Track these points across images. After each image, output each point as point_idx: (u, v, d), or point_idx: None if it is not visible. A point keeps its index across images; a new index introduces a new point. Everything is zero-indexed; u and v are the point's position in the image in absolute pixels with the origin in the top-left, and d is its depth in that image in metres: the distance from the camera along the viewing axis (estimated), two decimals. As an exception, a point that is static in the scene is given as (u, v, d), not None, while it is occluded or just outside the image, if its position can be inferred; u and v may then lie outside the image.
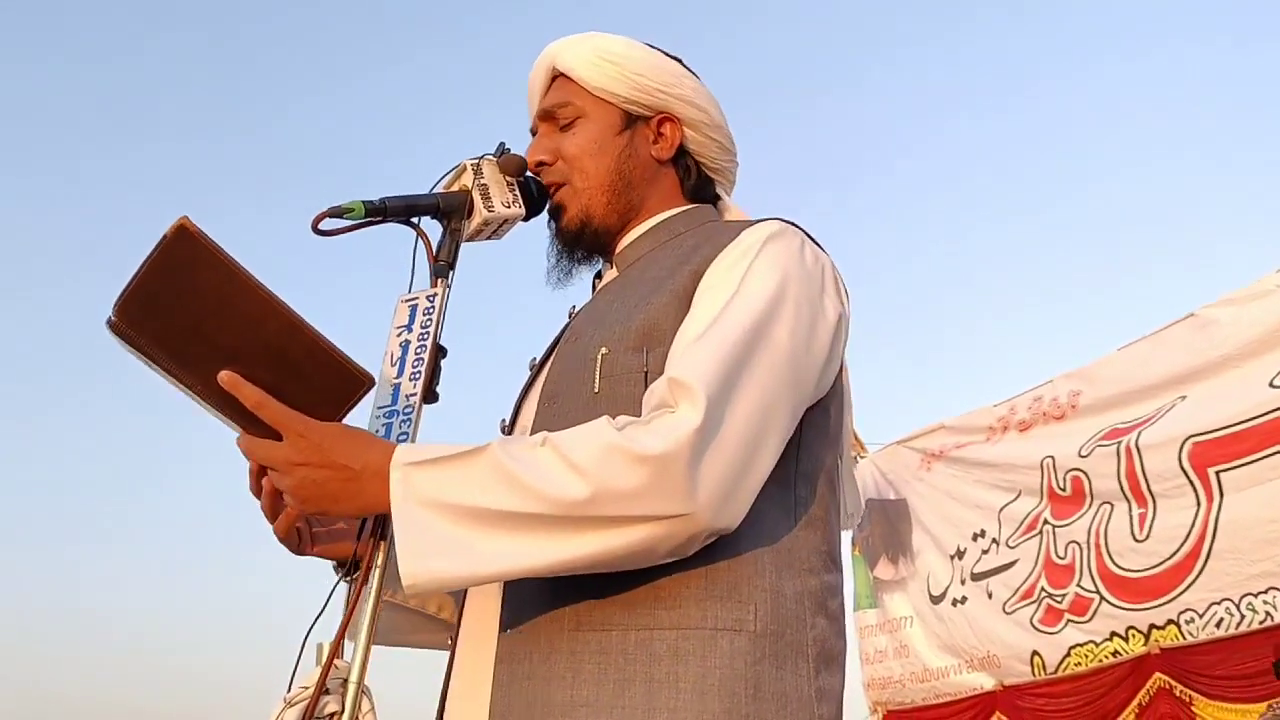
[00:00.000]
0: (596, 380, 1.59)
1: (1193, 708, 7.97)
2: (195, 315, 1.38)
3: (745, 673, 1.42)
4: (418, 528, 1.36)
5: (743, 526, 1.45)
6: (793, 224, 1.69)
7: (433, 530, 1.36)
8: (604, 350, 1.61)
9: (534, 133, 1.90)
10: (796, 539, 1.54)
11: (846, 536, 1.75)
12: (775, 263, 1.56)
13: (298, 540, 1.66)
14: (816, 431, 1.59)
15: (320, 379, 1.44)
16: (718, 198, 1.92)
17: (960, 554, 10.42)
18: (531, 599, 1.50)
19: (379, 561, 1.49)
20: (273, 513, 1.58)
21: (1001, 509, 10.07)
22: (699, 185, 1.87)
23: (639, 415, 1.49)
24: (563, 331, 1.84)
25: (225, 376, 1.39)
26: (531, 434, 1.66)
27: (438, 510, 1.37)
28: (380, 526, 1.49)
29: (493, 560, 1.35)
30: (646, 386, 1.54)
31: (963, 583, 10.32)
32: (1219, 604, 7.99)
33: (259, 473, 1.49)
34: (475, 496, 1.36)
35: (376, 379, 1.57)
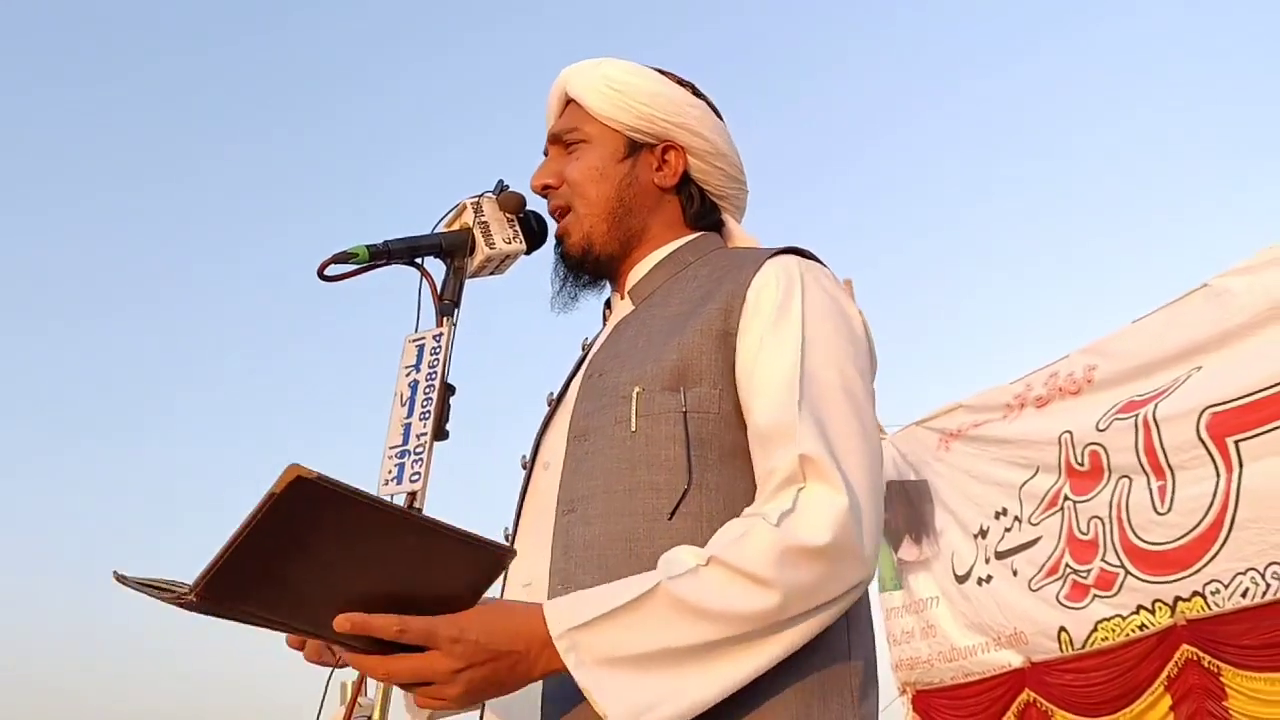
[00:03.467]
0: (634, 419, 1.57)
1: (1221, 678, 7.95)
2: (315, 566, 1.23)
3: (795, 707, 1.42)
4: (613, 689, 1.32)
5: None
6: (806, 253, 1.71)
7: (629, 686, 1.32)
8: (638, 389, 1.59)
9: (545, 153, 1.90)
10: None
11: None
12: (822, 303, 1.59)
13: (335, 657, 1.62)
14: None
15: (459, 570, 1.33)
16: (722, 223, 1.91)
17: (983, 533, 10.40)
18: (575, 694, 1.40)
19: None
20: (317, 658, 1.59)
21: (1022, 486, 10.04)
22: (703, 212, 1.86)
23: (678, 454, 1.53)
24: (579, 365, 1.83)
25: (345, 623, 1.24)
26: (564, 474, 1.66)
27: (625, 665, 1.32)
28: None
29: (702, 690, 1.33)
30: (685, 427, 1.55)
31: (987, 561, 10.30)
32: (1244, 574, 7.96)
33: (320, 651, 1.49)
34: (664, 639, 1.33)
35: (387, 439, 1.57)
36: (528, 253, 1.81)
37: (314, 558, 1.21)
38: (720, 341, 1.59)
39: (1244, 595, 7.95)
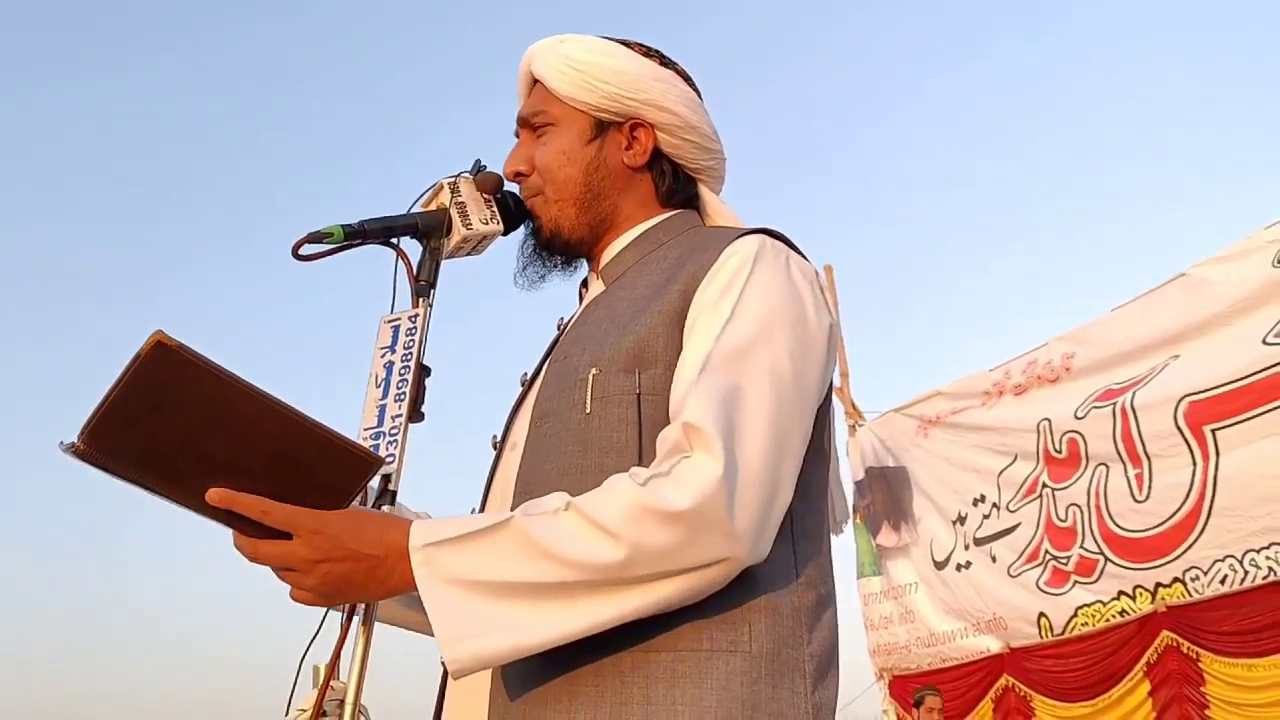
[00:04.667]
0: (588, 401, 1.54)
1: (1199, 664, 7.99)
2: (181, 432, 1.29)
3: (742, 694, 1.40)
4: (452, 608, 1.33)
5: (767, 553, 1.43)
6: (775, 234, 1.67)
7: (468, 609, 1.33)
8: (595, 371, 1.56)
9: (517, 135, 1.87)
10: (793, 554, 1.51)
11: (836, 539, 1.73)
12: (767, 285, 1.52)
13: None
14: (810, 445, 1.56)
15: (326, 469, 1.37)
16: (698, 197, 1.88)
17: (962, 519, 10.44)
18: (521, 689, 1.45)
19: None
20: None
21: (1000, 473, 10.10)
22: (676, 188, 1.83)
23: (630, 436, 1.50)
24: (553, 346, 1.81)
25: (215, 495, 1.31)
26: (524, 456, 1.65)
27: (470, 589, 1.34)
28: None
29: (537, 631, 1.33)
30: (639, 408, 1.53)
31: (966, 548, 10.34)
32: (1223, 561, 8.01)
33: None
34: (507, 571, 1.34)
35: (360, 424, 1.55)
36: (505, 233, 1.78)
37: (183, 427, 1.28)
38: (675, 323, 1.54)
39: (1223, 582, 7.99)
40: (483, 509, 1.74)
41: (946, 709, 10.21)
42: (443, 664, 1.44)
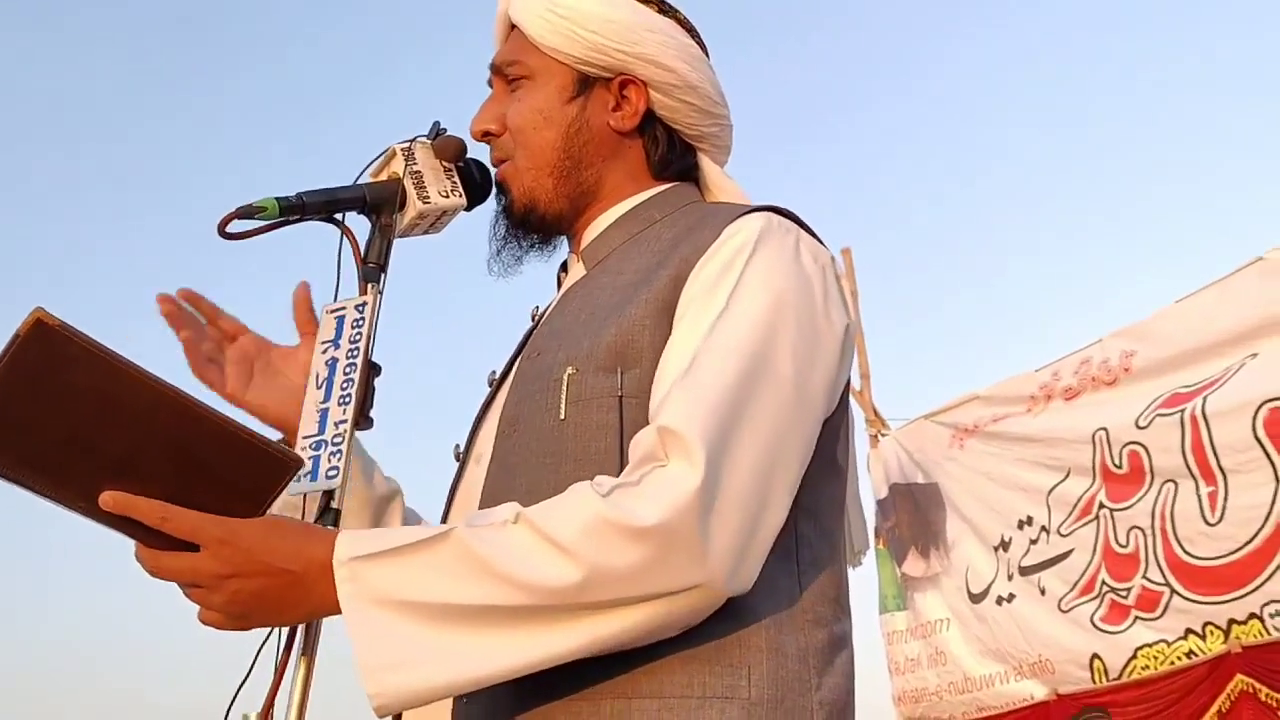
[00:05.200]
0: (562, 406, 1.54)
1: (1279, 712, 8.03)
2: (67, 424, 1.30)
3: None
4: (379, 633, 1.32)
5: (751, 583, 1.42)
6: (785, 212, 1.66)
7: (398, 634, 1.32)
8: (570, 370, 1.56)
9: (491, 86, 1.86)
10: (799, 585, 1.51)
11: (854, 570, 1.73)
12: (770, 271, 1.51)
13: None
14: (822, 461, 1.55)
15: (235, 470, 1.37)
16: (697, 167, 1.87)
17: (1005, 545, 10.45)
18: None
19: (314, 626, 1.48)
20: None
21: (1050, 491, 10.09)
22: (671, 158, 1.82)
23: (612, 447, 1.49)
24: (525, 340, 1.81)
25: (108, 499, 1.32)
26: (489, 470, 1.65)
27: (399, 610, 1.33)
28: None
29: (476, 664, 1.32)
30: (620, 414, 1.53)
31: (1009, 578, 10.35)
32: (1308, 594, 8.04)
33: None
34: (445, 591, 1.32)
35: (301, 431, 1.56)
36: (468, 208, 1.78)
37: (69, 418, 1.29)
38: (664, 314, 1.56)
39: (1306, 621, 8.02)
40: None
41: (984, 766, 10.25)
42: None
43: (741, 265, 1.56)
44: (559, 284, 1.88)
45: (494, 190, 1.83)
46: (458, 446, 1.84)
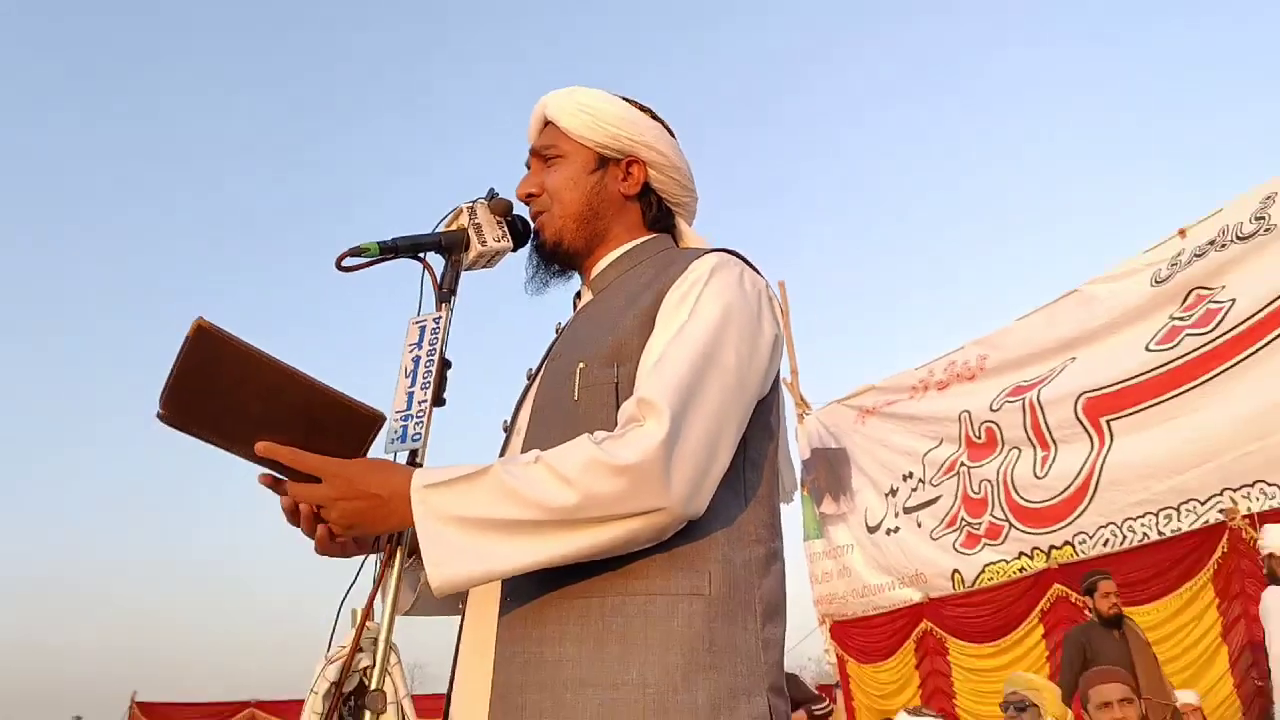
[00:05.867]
0: (576, 390, 1.55)
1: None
2: (227, 397, 1.38)
3: (703, 630, 1.41)
4: (439, 539, 1.37)
5: (704, 508, 1.44)
6: (734, 253, 1.68)
7: (451, 540, 1.37)
8: (581, 365, 1.57)
9: (528, 165, 1.87)
10: (744, 515, 1.52)
11: (786, 506, 1.72)
12: (720, 293, 1.53)
13: (341, 548, 1.63)
14: (760, 427, 1.56)
15: (340, 425, 1.45)
16: (674, 226, 1.89)
17: (893, 492, 10.46)
18: (527, 576, 1.49)
19: (404, 538, 1.48)
20: (312, 533, 1.57)
21: (925, 454, 10.14)
22: (659, 217, 1.84)
23: (611, 419, 1.50)
24: (552, 346, 1.82)
25: (260, 448, 1.40)
26: (525, 438, 1.65)
27: (454, 524, 1.37)
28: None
29: (504, 560, 1.36)
30: (616, 396, 1.53)
31: (895, 515, 10.36)
32: (1105, 527, 8.07)
33: (292, 509, 1.49)
34: (484, 509, 1.36)
35: (392, 404, 1.55)
36: (514, 250, 1.78)
37: (230, 394, 1.37)
38: (646, 325, 1.57)
39: (1105, 545, 8.05)
40: None
41: (874, 650, 10.25)
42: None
43: (700, 288, 1.57)
44: (574, 306, 1.88)
45: (532, 236, 1.83)
46: (505, 421, 1.84)
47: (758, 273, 1.69)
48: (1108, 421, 8.18)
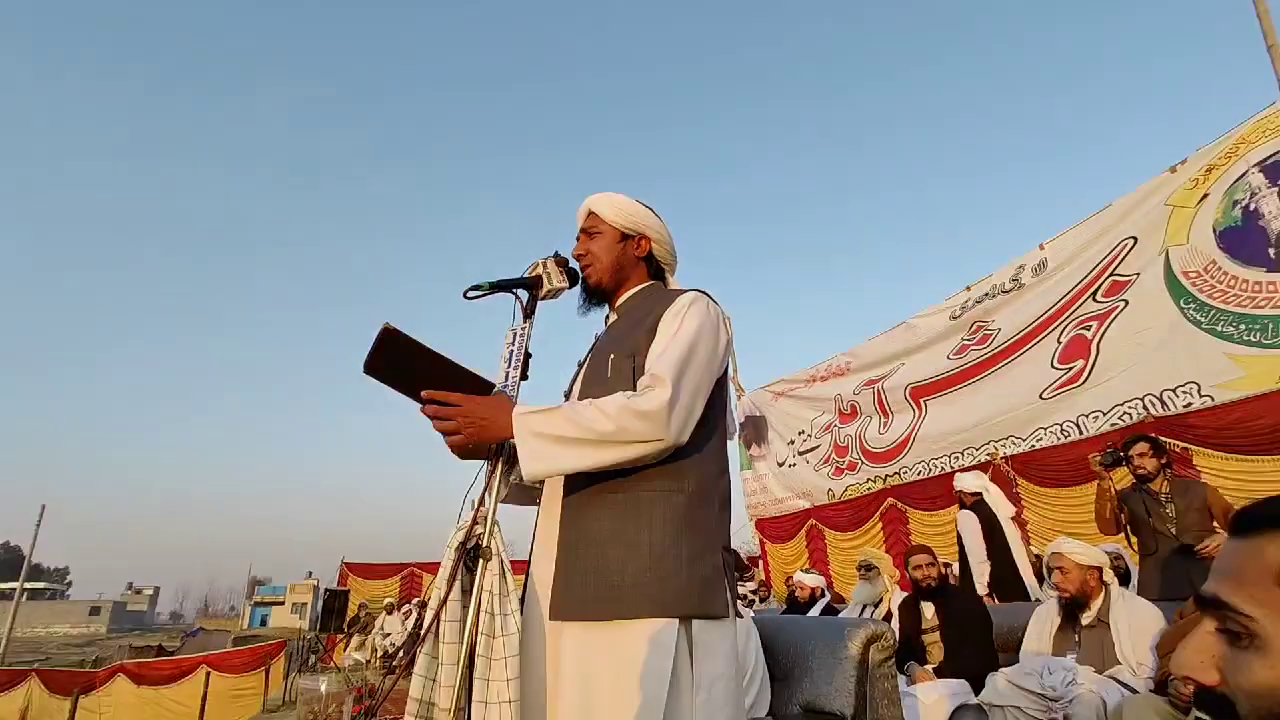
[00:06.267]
0: (610, 371, 1.58)
1: (907, 515, 8.01)
2: (405, 367, 1.42)
3: (684, 512, 1.42)
4: (528, 445, 1.38)
5: (686, 441, 1.47)
6: (704, 292, 1.70)
7: (536, 447, 1.38)
8: (613, 357, 1.59)
9: (578, 238, 1.88)
10: (709, 444, 1.52)
11: (731, 442, 1.73)
12: (697, 314, 1.57)
13: (473, 454, 1.63)
14: (716, 394, 1.57)
15: (472, 387, 1.47)
16: (665, 277, 1.91)
17: (793, 442, 10.43)
18: (579, 480, 1.50)
19: (499, 468, 1.48)
20: (455, 444, 1.58)
21: (813, 420, 10.07)
22: (657, 272, 1.87)
23: (627, 385, 1.51)
24: (592, 348, 1.82)
25: (426, 394, 1.43)
26: (577, 397, 1.67)
27: (537, 437, 1.38)
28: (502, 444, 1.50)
29: (566, 461, 1.38)
30: (633, 374, 1.54)
31: (794, 456, 10.31)
32: (921, 463, 8.04)
33: (443, 428, 1.52)
34: (556, 429, 1.38)
35: (497, 378, 1.56)
36: (569, 288, 1.79)
37: (408, 366, 1.40)
38: (650, 335, 1.59)
39: (918, 474, 8.03)
40: None
41: (781, 536, 10.23)
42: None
43: (684, 311, 1.59)
44: (605, 323, 1.88)
45: (581, 283, 1.82)
46: (564, 391, 1.84)
47: (717, 304, 1.71)
48: (924, 400, 8.16)
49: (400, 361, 1.41)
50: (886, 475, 8.49)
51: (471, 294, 1.66)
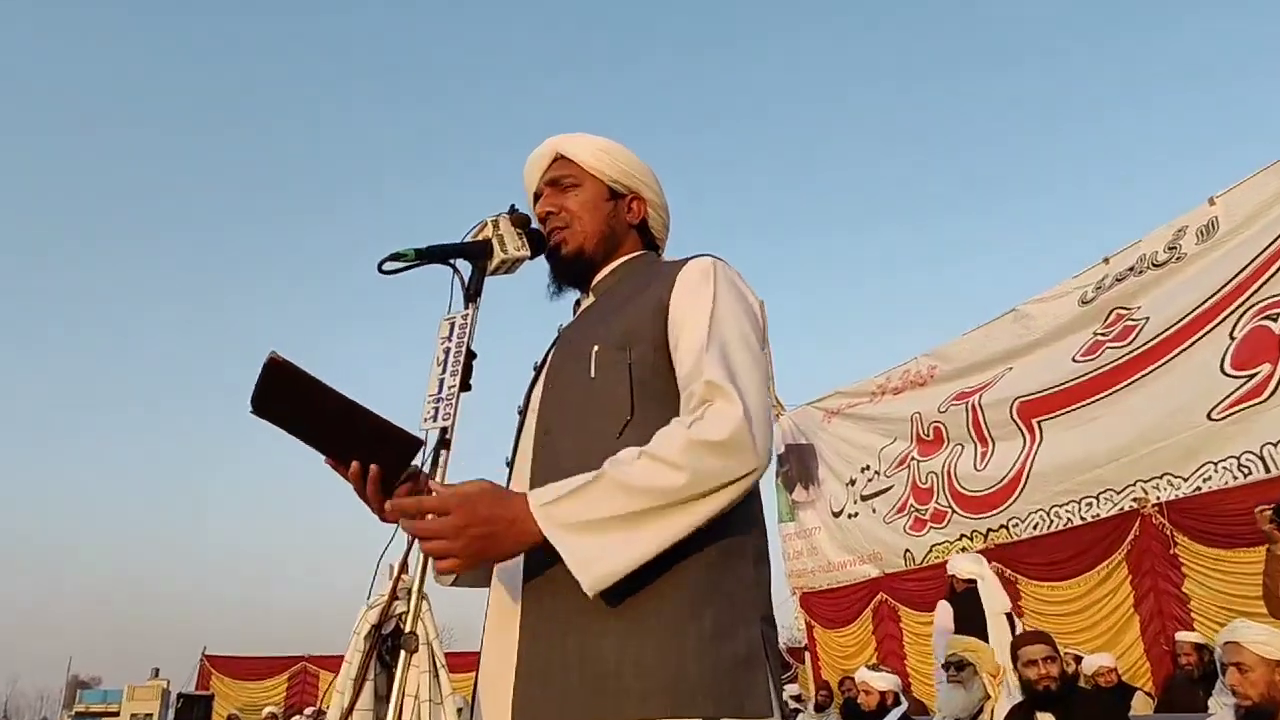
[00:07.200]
0: (593, 369, 1.58)
1: (1018, 586, 8.02)
2: (302, 409, 1.46)
3: (706, 573, 1.39)
4: (577, 547, 1.35)
5: None
6: (717, 256, 1.72)
7: (588, 544, 1.34)
8: (597, 348, 1.59)
9: (538, 195, 1.88)
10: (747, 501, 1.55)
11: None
12: (728, 288, 1.60)
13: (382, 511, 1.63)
14: None
15: (387, 444, 1.49)
16: (657, 252, 1.93)
17: (853, 482, 10.44)
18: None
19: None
20: (378, 502, 1.58)
21: (881, 450, 10.12)
22: (649, 243, 1.89)
23: (626, 394, 1.55)
24: (554, 343, 1.83)
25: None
26: (539, 416, 1.66)
27: (583, 529, 1.35)
28: (432, 473, 1.48)
29: (640, 549, 1.34)
30: (630, 374, 1.55)
31: (855, 502, 10.35)
32: (1035, 513, 8.08)
33: (359, 484, 1.53)
34: (607, 509, 1.35)
35: (428, 388, 1.56)
36: (531, 258, 1.79)
37: (303, 406, 1.46)
38: (656, 314, 1.59)
39: (1034, 528, 8.07)
40: (513, 454, 1.74)
41: (837, 617, 10.24)
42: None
43: (711, 280, 1.61)
44: (574, 311, 1.89)
45: (548, 251, 1.83)
46: (518, 406, 1.84)
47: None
48: (1038, 422, 8.19)
49: (294, 399, 1.44)
50: (988, 530, 8.51)
51: (389, 266, 1.66)
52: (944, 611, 5.75)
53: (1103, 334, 7.88)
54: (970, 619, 5.55)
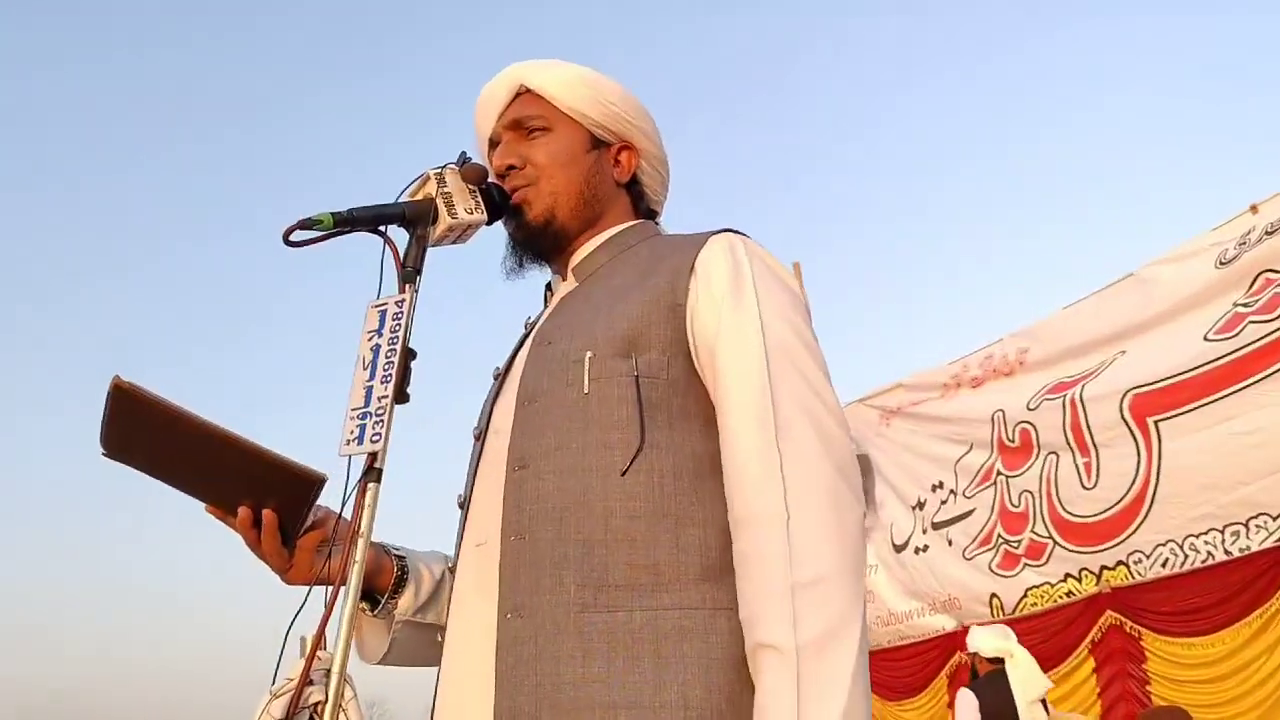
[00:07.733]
0: (585, 382, 1.58)
1: (1142, 642, 8.05)
2: (158, 443, 1.54)
3: (743, 647, 1.44)
4: None
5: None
6: (741, 232, 1.71)
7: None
8: (590, 354, 1.58)
9: (494, 141, 1.87)
10: None
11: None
12: (770, 281, 1.61)
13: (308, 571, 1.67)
14: None
15: (282, 484, 1.54)
16: (653, 218, 1.93)
17: (921, 505, 10.48)
18: (531, 586, 1.50)
19: (356, 557, 1.46)
20: (274, 553, 1.62)
21: (957, 461, 10.14)
22: (643, 209, 1.89)
23: (631, 414, 1.55)
24: (523, 340, 1.81)
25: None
26: (511, 440, 1.64)
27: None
28: (355, 515, 1.48)
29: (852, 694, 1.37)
30: (638, 389, 1.56)
31: (924, 532, 10.39)
32: (1164, 545, 8.06)
33: (250, 533, 1.60)
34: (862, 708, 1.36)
35: (350, 397, 1.55)
36: (489, 223, 1.77)
37: (162, 441, 1.54)
38: (670, 312, 1.60)
39: (1164, 565, 8.05)
40: (469, 492, 1.74)
41: (902, 685, 10.27)
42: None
43: (747, 269, 1.62)
44: (545, 300, 1.88)
45: (510, 214, 1.82)
46: (475, 428, 1.83)
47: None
48: (1155, 422, 8.16)
49: (153, 433, 1.53)
50: (1103, 568, 8.52)
51: (297, 236, 1.64)
52: (965, 703, 5.97)
53: (1245, 304, 7.88)
54: (999, 711, 5.76)
